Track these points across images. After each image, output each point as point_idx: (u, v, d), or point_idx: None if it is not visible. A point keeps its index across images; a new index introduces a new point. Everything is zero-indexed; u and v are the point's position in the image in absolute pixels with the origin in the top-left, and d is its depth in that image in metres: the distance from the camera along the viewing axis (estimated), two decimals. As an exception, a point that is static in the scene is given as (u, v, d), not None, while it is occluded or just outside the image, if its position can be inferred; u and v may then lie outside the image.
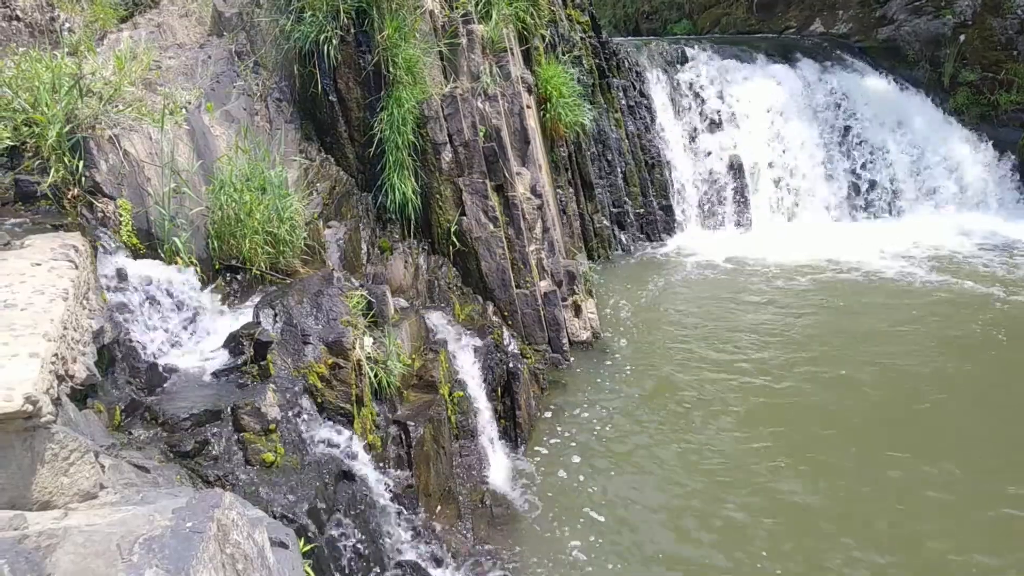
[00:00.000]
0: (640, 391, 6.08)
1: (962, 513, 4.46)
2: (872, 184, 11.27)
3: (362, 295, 4.53)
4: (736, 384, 6.12)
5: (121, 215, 4.11)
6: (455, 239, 6.17)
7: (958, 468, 4.85)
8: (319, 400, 3.89)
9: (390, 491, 3.96)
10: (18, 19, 5.26)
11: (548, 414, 5.78)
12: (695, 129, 11.03)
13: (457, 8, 6.59)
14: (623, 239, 9.90)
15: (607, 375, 6.36)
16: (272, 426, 3.51)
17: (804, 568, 4.10)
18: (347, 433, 3.88)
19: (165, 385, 3.63)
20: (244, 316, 4.25)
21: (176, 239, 4.32)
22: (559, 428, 5.59)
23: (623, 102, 10.27)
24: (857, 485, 4.76)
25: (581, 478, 4.97)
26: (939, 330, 7.09)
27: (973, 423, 5.43)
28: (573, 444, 5.38)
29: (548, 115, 7.88)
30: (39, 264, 2.88)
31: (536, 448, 5.36)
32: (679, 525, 4.47)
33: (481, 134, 6.32)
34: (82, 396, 3.10)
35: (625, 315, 7.69)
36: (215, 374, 3.76)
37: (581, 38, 9.74)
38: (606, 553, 4.26)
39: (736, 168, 10.89)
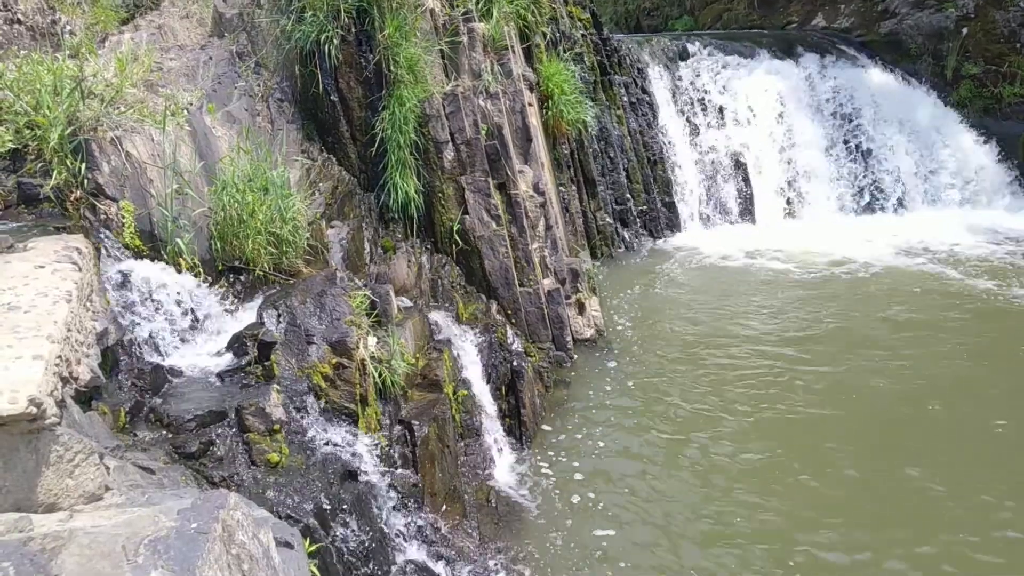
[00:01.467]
0: (645, 389, 6.06)
1: (979, 524, 4.36)
2: (875, 179, 11.21)
3: (365, 295, 4.53)
4: (742, 384, 6.10)
5: (124, 217, 4.11)
6: (458, 238, 6.16)
7: (978, 478, 4.75)
8: (323, 400, 3.89)
9: (395, 490, 3.95)
10: (19, 22, 5.27)
11: (553, 413, 5.76)
12: (697, 125, 11.00)
13: (458, 6, 6.58)
14: (626, 236, 9.87)
15: (611, 373, 6.34)
16: (277, 426, 3.51)
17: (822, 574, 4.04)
18: (352, 433, 3.88)
19: (169, 386, 3.63)
20: (248, 317, 4.25)
21: (179, 240, 4.32)
22: (564, 426, 5.58)
23: (625, 99, 10.24)
24: (872, 493, 4.67)
25: (586, 477, 4.95)
26: (950, 331, 6.95)
27: (992, 430, 5.28)
28: (578, 442, 5.36)
29: (550, 113, 7.86)
30: (42, 266, 2.88)
31: (541, 446, 5.35)
32: (690, 529, 4.43)
33: (483, 132, 6.30)
34: (86, 398, 3.10)
35: (629, 312, 7.67)
36: (219, 375, 3.76)
37: (582, 35, 9.72)
38: (614, 552, 4.25)
39: (739, 164, 10.85)
